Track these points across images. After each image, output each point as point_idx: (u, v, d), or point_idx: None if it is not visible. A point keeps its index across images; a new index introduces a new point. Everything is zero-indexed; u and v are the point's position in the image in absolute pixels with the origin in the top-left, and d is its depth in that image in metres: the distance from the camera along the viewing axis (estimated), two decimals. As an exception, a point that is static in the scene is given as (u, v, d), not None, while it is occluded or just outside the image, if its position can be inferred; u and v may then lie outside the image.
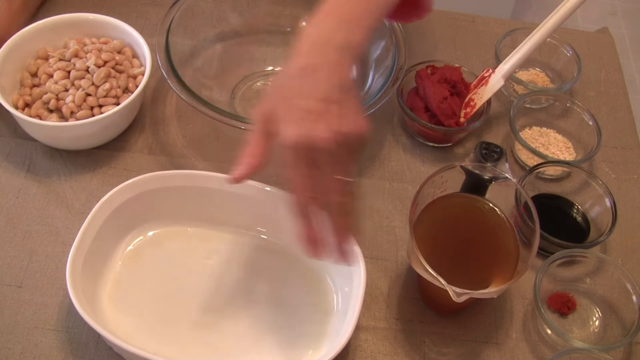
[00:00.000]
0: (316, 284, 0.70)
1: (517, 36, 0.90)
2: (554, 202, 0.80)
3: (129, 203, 0.69)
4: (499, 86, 0.81)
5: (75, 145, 0.79)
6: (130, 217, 0.70)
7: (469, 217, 0.70)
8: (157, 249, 0.72)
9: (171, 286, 0.70)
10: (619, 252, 0.78)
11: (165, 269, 0.71)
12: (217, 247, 0.72)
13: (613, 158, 0.87)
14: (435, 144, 0.85)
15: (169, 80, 0.75)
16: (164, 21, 0.79)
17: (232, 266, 0.71)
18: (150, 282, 0.70)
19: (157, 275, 0.70)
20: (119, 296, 0.68)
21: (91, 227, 0.66)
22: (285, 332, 0.67)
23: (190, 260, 0.71)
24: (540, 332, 0.71)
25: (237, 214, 0.72)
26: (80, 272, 0.64)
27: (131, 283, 0.69)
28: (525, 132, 0.87)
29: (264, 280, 0.71)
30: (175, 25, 0.80)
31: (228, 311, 0.69)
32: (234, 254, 0.72)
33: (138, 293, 0.69)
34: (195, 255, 0.72)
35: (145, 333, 0.66)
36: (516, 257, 0.66)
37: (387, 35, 0.81)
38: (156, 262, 0.71)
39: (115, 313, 0.67)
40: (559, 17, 0.79)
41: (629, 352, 0.70)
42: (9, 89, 0.78)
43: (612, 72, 0.96)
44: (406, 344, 0.69)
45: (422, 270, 0.62)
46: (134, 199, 0.69)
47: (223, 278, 0.70)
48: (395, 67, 0.78)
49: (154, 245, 0.72)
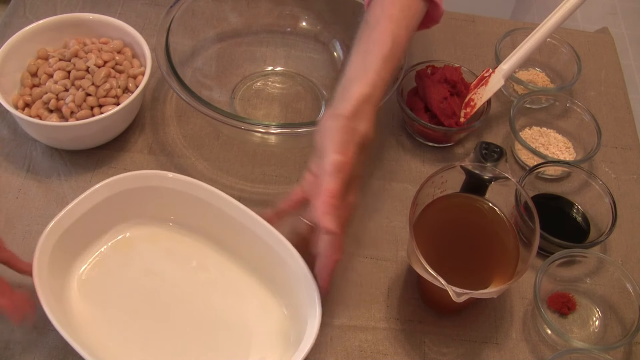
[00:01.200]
0: (271, 308, 0.69)
1: (517, 36, 0.90)
2: (554, 202, 0.80)
3: (104, 203, 0.68)
4: (499, 86, 0.81)
5: (75, 145, 0.79)
6: (105, 217, 0.70)
7: (469, 217, 0.70)
8: (129, 250, 0.71)
9: (137, 289, 0.69)
10: (619, 252, 0.78)
11: (134, 271, 0.70)
12: (190, 254, 0.72)
13: (613, 158, 0.87)
14: (435, 144, 0.85)
15: (168, 80, 0.75)
16: (164, 21, 0.79)
17: (199, 274, 0.71)
18: (118, 282, 0.69)
19: (125, 276, 0.70)
20: (88, 293, 0.68)
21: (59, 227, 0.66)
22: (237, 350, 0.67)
23: (160, 264, 0.71)
24: (540, 332, 0.71)
25: (216, 228, 0.72)
26: (47, 271, 0.64)
27: (100, 282, 0.69)
28: (525, 132, 0.87)
29: (223, 293, 0.70)
30: (175, 25, 0.80)
31: (185, 319, 0.68)
32: (205, 263, 0.71)
33: (105, 292, 0.68)
34: (165, 259, 0.71)
35: (110, 329, 0.66)
36: (516, 257, 0.66)
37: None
38: (126, 264, 0.70)
39: (83, 311, 0.67)
40: (559, 17, 0.79)
41: (629, 352, 0.70)
42: (9, 89, 0.78)
43: (612, 72, 0.96)
44: (406, 344, 0.69)
45: (422, 270, 0.62)
46: (108, 200, 0.69)
47: (186, 285, 0.70)
48: None
49: (126, 246, 0.71)
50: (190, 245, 0.72)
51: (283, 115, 0.85)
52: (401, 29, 0.67)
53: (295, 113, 0.86)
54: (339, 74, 0.86)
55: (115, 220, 0.71)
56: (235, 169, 0.80)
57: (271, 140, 0.81)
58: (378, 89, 0.64)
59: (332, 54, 0.90)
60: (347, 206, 0.65)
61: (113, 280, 0.69)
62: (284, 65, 0.90)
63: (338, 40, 0.89)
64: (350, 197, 0.65)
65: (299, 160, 0.82)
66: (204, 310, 0.68)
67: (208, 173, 0.80)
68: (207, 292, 0.69)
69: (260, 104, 0.86)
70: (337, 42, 0.89)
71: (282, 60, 0.90)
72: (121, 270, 0.70)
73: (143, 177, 0.70)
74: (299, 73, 0.89)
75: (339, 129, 0.62)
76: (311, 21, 0.91)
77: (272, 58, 0.90)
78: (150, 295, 0.69)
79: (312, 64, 0.90)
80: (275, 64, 0.90)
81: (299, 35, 0.91)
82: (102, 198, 0.68)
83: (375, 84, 0.64)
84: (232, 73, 0.88)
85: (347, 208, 0.65)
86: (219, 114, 0.72)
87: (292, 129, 0.73)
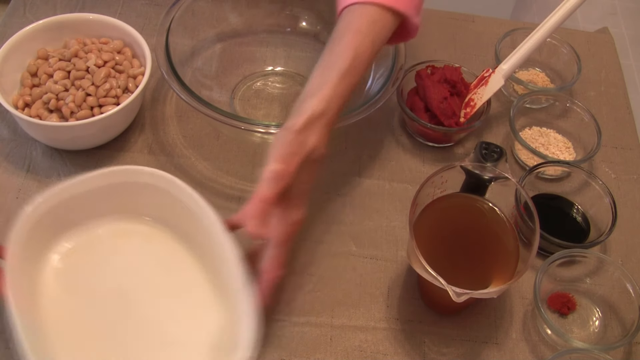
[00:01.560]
0: (215, 315, 0.67)
1: (517, 36, 0.90)
2: (554, 202, 0.80)
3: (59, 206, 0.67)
4: (499, 86, 0.81)
5: (75, 145, 0.79)
6: (82, 210, 0.69)
7: (469, 217, 0.70)
8: (101, 245, 0.70)
9: (101, 285, 0.68)
10: (619, 252, 0.78)
11: (101, 267, 0.69)
12: (158, 252, 0.71)
13: (613, 158, 0.87)
14: (435, 144, 0.85)
15: (168, 80, 0.75)
16: (164, 21, 0.79)
17: (160, 273, 0.70)
18: (85, 276, 0.68)
19: (92, 271, 0.69)
20: (59, 282, 0.67)
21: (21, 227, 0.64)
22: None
23: (129, 262, 0.70)
24: (540, 332, 0.71)
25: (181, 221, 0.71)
26: (19, 256, 0.63)
27: (70, 274, 0.68)
28: (525, 132, 0.87)
29: (175, 294, 0.69)
30: (175, 25, 0.80)
31: (135, 322, 0.67)
32: (169, 261, 0.70)
33: (73, 284, 0.68)
34: (136, 257, 0.71)
35: (67, 320, 0.65)
36: (516, 257, 0.66)
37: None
38: (95, 261, 0.70)
39: (51, 300, 0.66)
40: (559, 17, 0.79)
41: (629, 352, 0.70)
42: (9, 89, 0.78)
43: (612, 72, 0.96)
44: (406, 344, 0.69)
45: (422, 270, 0.62)
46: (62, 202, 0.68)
47: (145, 285, 0.69)
48: (395, 67, 0.78)
49: (99, 242, 0.71)
50: (162, 243, 0.71)
51: (283, 115, 0.85)
52: (365, 44, 0.65)
53: (295, 113, 0.86)
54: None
55: (92, 214, 0.70)
56: (235, 169, 0.80)
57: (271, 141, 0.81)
58: (333, 104, 0.63)
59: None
60: (291, 222, 0.64)
61: (82, 274, 0.68)
62: (284, 65, 0.90)
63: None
64: (294, 213, 0.64)
65: (299, 160, 0.82)
66: (153, 314, 0.67)
67: (208, 173, 0.80)
68: (159, 293, 0.68)
69: (260, 104, 0.86)
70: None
71: (282, 61, 0.90)
72: (90, 266, 0.69)
73: (123, 172, 0.69)
74: (299, 73, 0.89)
75: (286, 141, 0.62)
76: (311, 21, 0.91)
77: (272, 58, 0.90)
78: (112, 292, 0.68)
79: (312, 64, 0.89)
80: (275, 64, 0.90)
81: (299, 35, 0.91)
82: (84, 190, 0.68)
83: (329, 100, 0.63)
84: (232, 73, 0.88)
85: (291, 223, 0.64)
86: (219, 114, 0.72)
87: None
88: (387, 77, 0.77)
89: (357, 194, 0.80)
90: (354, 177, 0.81)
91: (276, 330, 0.69)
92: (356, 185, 0.80)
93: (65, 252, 0.69)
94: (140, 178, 0.69)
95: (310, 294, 0.72)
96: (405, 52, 0.80)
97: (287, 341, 0.69)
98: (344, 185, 0.80)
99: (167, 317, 0.67)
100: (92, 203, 0.69)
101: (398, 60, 0.79)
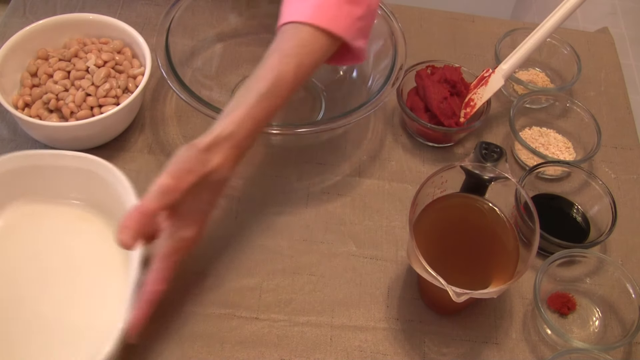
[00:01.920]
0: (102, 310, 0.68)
1: (517, 36, 0.90)
2: (554, 202, 0.80)
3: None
4: (499, 86, 0.81)
5: (75, 145, 0.79)
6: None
7: (469, 217, 0.70)
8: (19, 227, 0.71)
9: (14, 269, 0.69)
10: (619, 252, 0.78)
11: (18, 249, 0.70)
12: (81, 231, 0.72)
13: (613, 158, 0.87)
14: (435, 144, 0.85)
15: (168, 80, 0.75)
16: (164, 21, 0.79)
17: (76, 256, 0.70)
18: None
19: (6, 252, 0.70)
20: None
21: None
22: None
23: (45, 244, 0.71)
24: (540, 332, 0.71)
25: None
26: None
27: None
28: (525, 132, 0.87)
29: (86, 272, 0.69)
30: (175, 25, 0.80)
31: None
32: (91, 243, 0.71)
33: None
34: (54, 239, 0.71)
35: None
36: (516, 257, 0.66)
37: (387, 35, 0.81)
38: (14, 241, 0.70)
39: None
40: (559, 17, 0.79)
41: (629, 352, 0.70)
42: (9, 89, 0.78)
43: (612, 72, 0.96)
44: (406, 344, 0.69)
45: (422, 270, 0.62)
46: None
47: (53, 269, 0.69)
48: (395, 67, 0.78)
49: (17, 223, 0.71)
50: (88, 223, 0.72)
51: (283, 115, 0.85)
52: (289, 66, 0.63)
53: (295, 113, 0.86)
54: (338, 73, 0.86)
55: (10, 197, 0.71)
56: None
57: (271, 140, 0.81)
58: (244, 127, 0.62)
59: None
60: (178, 238, 0.63)
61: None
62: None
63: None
64: (185, 231, 0.63)
65: (299, 161, 0.82)
66: (60, 300, 0.67)
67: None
68: (71, 280, 0.68)
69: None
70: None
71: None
72: (9, 246, 0.70)
73: (38, 156, 0.70)
74: None
75: (185, 157, 0.60)
76: None
77: None
78: (21, 275, 0.68)
79: None
80: None
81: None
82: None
83: (240, 122, 0.62)
84: (232, 73, 0.88)
85: (178, 240, 0.63)
86: (219, 114, 0.72)
87: (292, 129, 0.73)
88: (387, 77, 0.77)
89: (357, 194, 0.80)
90: (354, 177, 0.81)
91: (276, 330, 0.69)
92: (356, 185, 0.80)
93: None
94: (59, 162, 0.70)
95: (310, 294, 0.72)
96: (406, 52, 0.80)
97: (287, 341, 0.69)
98: (344, 185, 0.80)
99: (72, 306, 0.67)
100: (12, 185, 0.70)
101: (398, 60, 0.79)
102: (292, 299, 0.71)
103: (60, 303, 0.67)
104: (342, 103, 0.84)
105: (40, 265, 0.69)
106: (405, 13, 0.99)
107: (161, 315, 0.69)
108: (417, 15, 0.99)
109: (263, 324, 0.69)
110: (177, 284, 0.71)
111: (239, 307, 0.70)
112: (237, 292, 0.71)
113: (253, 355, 0.67)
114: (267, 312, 0.70)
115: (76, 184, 0.72)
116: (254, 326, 0.69)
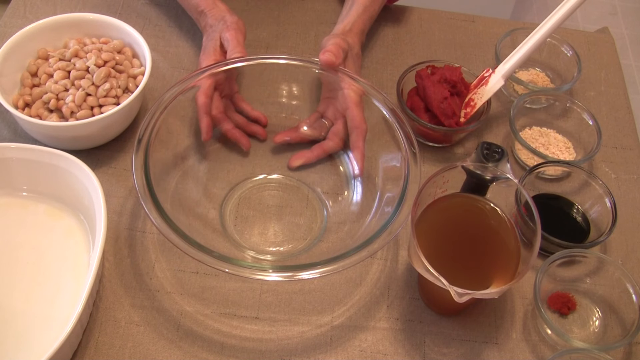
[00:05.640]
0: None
1: (517, 36, 0.90)
2: (554, 202, 0.80)
3: None
4: (499, 86, 0.81)
5: (75, 145, 0.79)
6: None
7: (470, 217, 0.70)
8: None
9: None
10: (619, 252, 0.78)
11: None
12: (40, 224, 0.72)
13: (613, 158, 0.87)
14: (435, 144, 0.85)
15: (144, 203, 0.65)
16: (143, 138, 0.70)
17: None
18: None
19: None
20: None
21: None
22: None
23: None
24: (540, 332, 0.71)
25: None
26: None
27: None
28: (525, 132, 0.87)
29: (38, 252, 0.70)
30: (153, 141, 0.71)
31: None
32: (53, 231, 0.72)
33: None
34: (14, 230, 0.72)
35: None
36: (517, 258, 0.66)
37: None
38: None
39: None
40: (559, 17, 0.79)
41: (629, 352, 0.70)
42: (9, 89, 0.78)
43: (612, 72, 0.97)
44: (406, 344, 0.69)
45: (424, 270, 0.62)
46: None
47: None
48: None
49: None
50: (53, 217, 0.73)
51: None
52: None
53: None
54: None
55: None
56: (235, 169, 0.80)
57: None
58: (356, 25, 0.84)
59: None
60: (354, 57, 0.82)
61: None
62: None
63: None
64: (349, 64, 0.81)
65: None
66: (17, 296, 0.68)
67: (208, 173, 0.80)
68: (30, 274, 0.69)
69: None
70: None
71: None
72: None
73: (3, 148, 0.71)
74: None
75: (335, 36, 0.80)
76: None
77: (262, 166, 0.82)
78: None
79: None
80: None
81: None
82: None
83: (354, 21, 0.84)
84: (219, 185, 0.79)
85: (355, 59, 0.82)
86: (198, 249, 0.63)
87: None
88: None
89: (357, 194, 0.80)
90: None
91: (276, 330, 0.69)
92: (356, 185, 0.80)
93: None
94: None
95: (310, 294, 0.72)
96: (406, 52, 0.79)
97: (287, 341, 0.69)
98: (344, 185, 0.80)
99: (34, 299, 0.68)
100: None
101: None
102: (292, 299, 0.71)
103: (22, 295, 0.68)
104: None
105: (3, 259, 0.70)
106: (406, 13, 0.99)
107: (161, 315, 0.69)
108: (417, 16, 1.00)
109: (263, 324, 0.69)
110: (177, 284, 0.71)
111: (239, 307, 0.70)
112: (237, 292, 0.71)
113: (253, 356, 0.67)
114: (267, 312, 0.70)
115: (44, 178, 0.72)
116: (254, 326, 0.69)
